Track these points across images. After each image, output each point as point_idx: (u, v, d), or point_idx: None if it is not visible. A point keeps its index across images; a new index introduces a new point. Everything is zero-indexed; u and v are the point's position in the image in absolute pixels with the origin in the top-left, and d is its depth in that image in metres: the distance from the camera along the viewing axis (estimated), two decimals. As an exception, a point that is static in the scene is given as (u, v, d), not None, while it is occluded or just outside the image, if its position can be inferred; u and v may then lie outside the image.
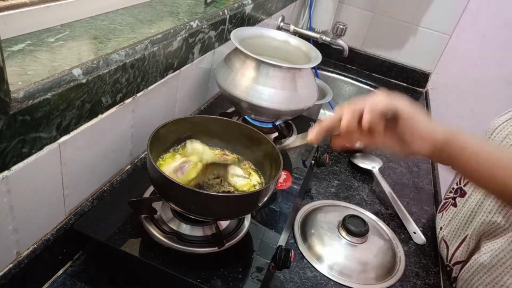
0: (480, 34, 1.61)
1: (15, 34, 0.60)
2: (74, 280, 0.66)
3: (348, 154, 1.15)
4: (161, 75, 0.78)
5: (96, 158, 0.68)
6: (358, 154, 1.14)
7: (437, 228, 0.91)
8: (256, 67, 0.86)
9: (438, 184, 1.14)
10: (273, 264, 0.67)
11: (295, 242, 0.83)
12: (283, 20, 1.47)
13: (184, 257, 0.63)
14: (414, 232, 0.92)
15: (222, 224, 0.69)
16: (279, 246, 0.69)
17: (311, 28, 1.65)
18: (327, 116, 0.58)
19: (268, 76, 0.85)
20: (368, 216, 0.94)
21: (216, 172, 0.70)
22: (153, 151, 0.66)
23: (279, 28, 1.45)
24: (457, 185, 0.88)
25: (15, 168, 0.51)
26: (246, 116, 0.96)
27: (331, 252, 0.81)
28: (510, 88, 1.64)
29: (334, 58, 1.80)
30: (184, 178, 0.66)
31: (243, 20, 1.07)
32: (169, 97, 0.86)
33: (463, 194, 0.84)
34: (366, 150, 1.19)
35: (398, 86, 1.75)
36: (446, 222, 0.87)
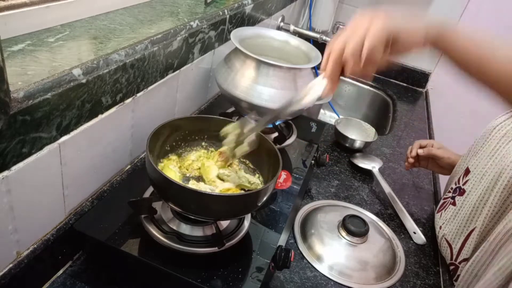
0: (480, 34, 1.61)
1: (15, 34, 0.60)
2: (74, 280, 0.66)
3: (348, 154, 1.16)
4: (161, 75, 0.78)
5: (96, 158, 0.68)
6: (358, 154, 1.14)
7: (436, 227, 0.91)
8: (256, 67, 0.86)
9: (438, 184, 1.14)
10: (273, 264, 0.67)
11: (295, 242, 0.83)
12: (283, 20, 1.47)
13: (184, 257, 0.63)
14: (414, 232, 0.92)
15: (222, 224, 0.69)
16: (279, 246, 0.69)
17: (311, 28, 1.65)
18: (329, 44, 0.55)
19: (268, 76, 0.85)
20: (368, 216, 0.94)
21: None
22: (152, 151, 0.66)
23: (279, 28, 1.45)
24: (455, 184, 0.88)
25: (15, 168, 0.51)
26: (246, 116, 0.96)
27: (331, 252, 0.81)
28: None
29: (334, 58, 1.80)
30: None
31: (243, 20, 1.07)
32: (169, 97, 0.86)
33: (462, 193, 0.84)
34: (366, 150, 1.19)
35: (398, 86, 1.75)
36: (446, 221, 0.87)
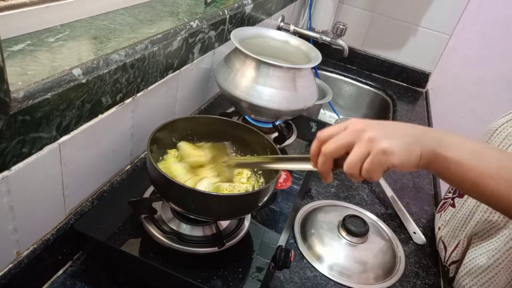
0: (480, 34, 1.61)
1: (15, 34, 0.60)
2: (74, 280, 0.66)
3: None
4: (161, 75, 0.78)
5: (96, 158, 0.68)
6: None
7: (435, 228, 0.91)
8: (256, 67, 0.86)
9: (438, 184, 1.14)
10: (273, 264, 0.67)
11: (295, 242, 0.83)
12: (283, 20, 1.47)
13: (184, 257, 0.63)
14: (414, 232, 0.92)
15: (222, 224, 0.69)
16: (279, 246, 0.69)
17: (311, 28, 1.65)
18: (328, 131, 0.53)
19: (268, 76, 0.85)
20: (368, 216, 0.94)
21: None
22: (153, 151, 0.66)
23: (279, 28, 1.45)
24: None
25: (15, 168, 0.51)
26: (246, 116, 0.96)
27: (331, 252, 0.81)
28: (510, 88, 1.64)
29: (334, 58, 1.80)
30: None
31: (243, 20, 1.07)
32: (169, 97, 0.86)
33: (462, 195, 0.84)
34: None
35: (398, 86, 1.75)
36: (445, 222, 0.87)
